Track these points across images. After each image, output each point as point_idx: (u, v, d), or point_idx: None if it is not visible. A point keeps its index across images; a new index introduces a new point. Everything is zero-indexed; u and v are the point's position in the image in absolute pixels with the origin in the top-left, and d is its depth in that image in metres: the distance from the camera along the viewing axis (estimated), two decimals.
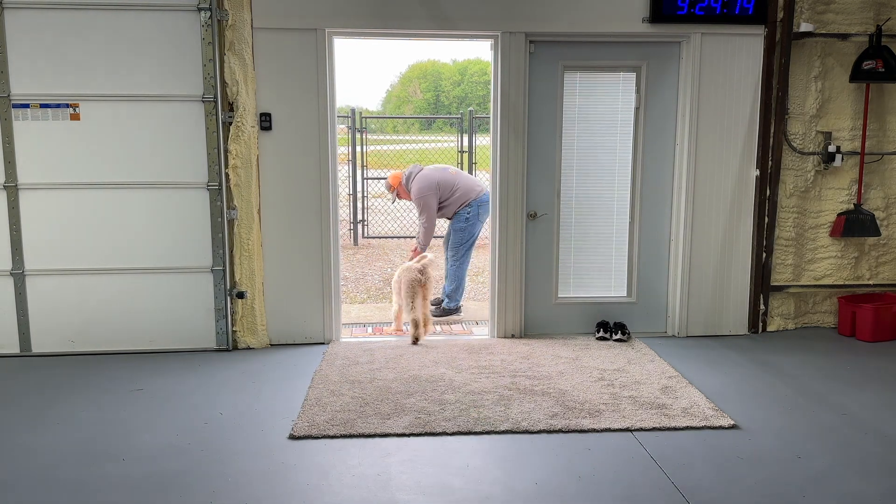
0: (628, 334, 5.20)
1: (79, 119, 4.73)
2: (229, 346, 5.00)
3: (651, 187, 5.25)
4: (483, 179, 10.97)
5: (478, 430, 3.65)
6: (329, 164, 4.98)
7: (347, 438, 3.57)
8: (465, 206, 5.97)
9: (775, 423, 3.78)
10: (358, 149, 10.30)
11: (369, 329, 5.76)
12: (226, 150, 4.82)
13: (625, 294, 5.38)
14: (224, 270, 4.92)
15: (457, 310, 6.08)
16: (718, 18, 4.96)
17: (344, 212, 10.29)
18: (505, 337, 5.26)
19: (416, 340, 5.10)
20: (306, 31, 4.80)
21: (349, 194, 10.36)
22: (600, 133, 5.19)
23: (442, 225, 6.68)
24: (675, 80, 5.14)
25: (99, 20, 4.65)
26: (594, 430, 3.65)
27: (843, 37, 5.13)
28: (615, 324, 5.26)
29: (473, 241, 6.11)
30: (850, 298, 5.38)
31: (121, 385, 4.32)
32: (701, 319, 5.33)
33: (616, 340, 5.13)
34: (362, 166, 10.41)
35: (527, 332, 5.32)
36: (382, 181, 12.15)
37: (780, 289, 5.38)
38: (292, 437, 3.57)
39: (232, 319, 5.00)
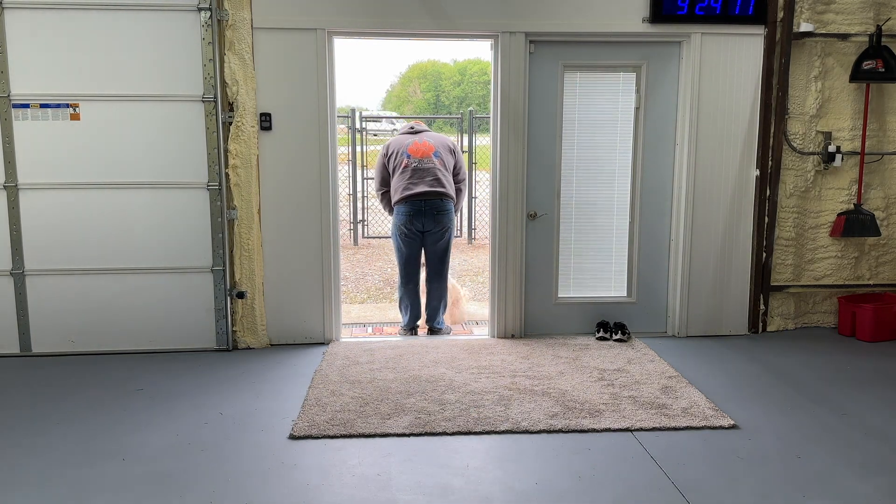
0: (628, 334, 5.20)
1: (79, 119, 4.73)
2: (229, 346, 5.00)
3: (651, 187, 5.24)
4: (484, 179, 10.86)
5: (478, 430, 3.65)
6: (329, 164, 4.98)
7: (347, 438, 3.57)
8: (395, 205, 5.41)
9: (775, 423, 3.78)
10: (358, 149, 10.31)
11: (369, 329, 5.76)
12: (226, 150, 4.83)
13: (625, 294, 5.38)
14: (224, 270, 4.92)
15: (411, 330, 5.55)
16: (718, 18, 4.96)
17: (344, 212, 10.29)
18: (505, 337, 5.26)
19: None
20: (306, 31, 4.80)
21: (349, 194, 10.36)
22: (600, 133, 5.19)
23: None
24: (675, 80, 5.14)
25: (99, 20, 4.65)
26: (594, 430, 3.65)
27: (843, 37, 5.13)
28: (615, 324, 5.26)
29: (400, 257, 5.46)
30: (850, 298, 5.38)
31: (121, 385, 4.32)
32: (701, 319, 5.33)
33: (616, 340, 5.13)
34: (362, 166, 10.41)
35: (527, 332, 5.32)
36: None
37: (780, 289, 5.38)
38: (292, 437, 3.57)
39: (232, 319, 5.00)
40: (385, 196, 5.54)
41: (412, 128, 5.51)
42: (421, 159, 5.31)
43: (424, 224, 5.31)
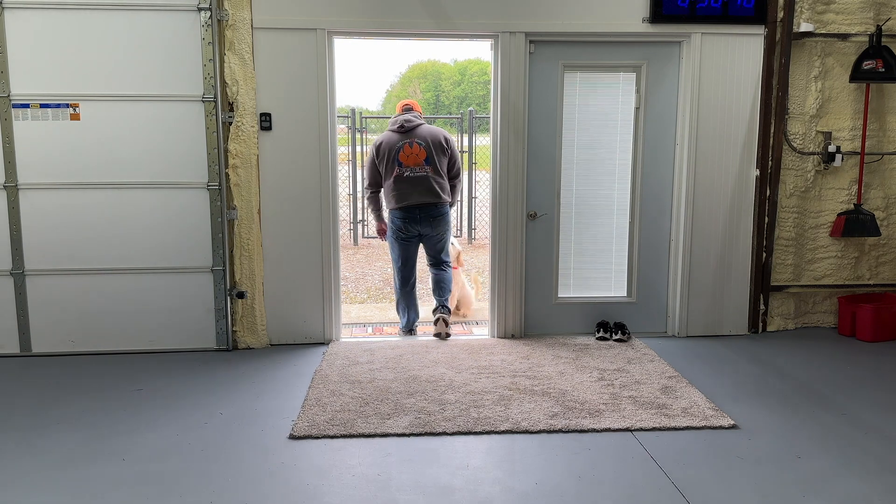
0: (628, 334, 5.20)
1: (79, 119, 4.73)
2: (229, 346, 5.00)
3: (651, 187, 5.24)
4: (484, 179, 10.84)
5: (478, 430, 3.65)
6: (329, 164, 4.98)
7: (347, 438, 3.57)
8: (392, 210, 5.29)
9: (775, 423, 3.78)
10: (358, 149, 10.31)
11: (369, 329, 5.76)
12: (226, 150, 4.83)
13: (625, 294, 5.38)
14: (224, 270, 4.92)
15: (409, 331, 5.47)
16: (718, 18, 4.96)
17: (344, 212, 10.29)
18: (505, 337, 5.26)
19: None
20: (306, 31, 4.80)
21: (349, 194, 10.36)
22: (600, 133, 5.19)
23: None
24: (675, 80, 5.14)
25: (99, 20, 4.65)
26: (594, 430, 3.65)
27: (843, 37, 5.13)
28: (615, 324, 5.26)
29: (397, 259, 5.35)
30: (850, 298, 5.38)
31: (121, 385, 4.32)
32: (701, 319, 5.33)
33: (616, 340, 5.13)
34: (362, 166, 10.41)
35: (527, 332, 5.32)
36: None
37: (780, 289, 5.38)
38: (292, 437, 3.57)
39: (232, 319, 5.00)
40: (374, 196, 5.40)
41: (402, 126, 5.16)
42: (413, 168, 5.12)
43: (421, 230, 5.24)
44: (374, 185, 5.36)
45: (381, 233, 5.52)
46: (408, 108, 5.33)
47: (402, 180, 5.14)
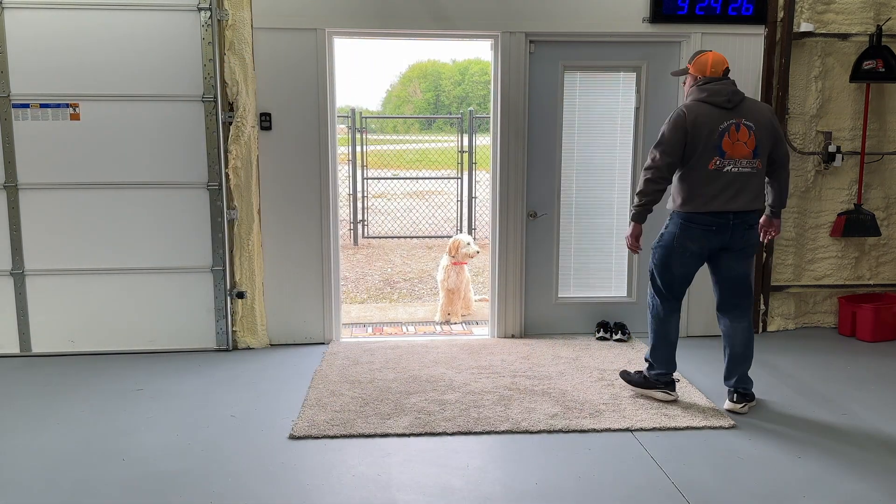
0: (628, 334, 5.20)
1: (79, 119, 4.73)
2: (229, 346, 5.00)
3: None
4: (484, 179, 10.81)
5: (478, 430, 3.65)
6: (329, 164, 4.98)
7: (347, 438, 3.57)
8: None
9: (775, 423, 3.78)
10: (358, 149, 10.31)
11: (369, 329, 5.75)
12: (226, 150, 4.82)
13: (625, 294, 5.38)
14: (224, 270, 4.92)
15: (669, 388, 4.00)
16: (718, 18, 4.96)
17: (344, 212, 10.29)
18: (505, 337, 5.26)
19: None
20: (306, 31, 4.80)
21: (349, 194, 10.36)
22: (600, 133, 5.18)
23: None
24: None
25: (99, 20, 4.65)
26: (594, 430, 3.65)
27: (843, 37, 5.13)
28: (615, 324, 5.26)
29: (669, 286, 4.05)
30: (850, 298, 5.37)
31: (121, 385, 4.32)
32: (701, 319, 5.33)
33: (616, 340, 5.13)
34: (362, 166, 10.41)
35: (527, 332, 5.31)
36: (382, 181, 12.18)
37: (780, 289, 5.38)
38: (292, 437, 3.57)
39: (232, 319, 5.00)
40: (660, 191, 3.82)
41: (730, 99, 3.71)
42: (739, 160, 3.71)
43: (731, 243, 3.88)
44: (667, 176, 3.80)
45: (637, 239, 4.01)
46: (728, 71, 3.80)
47: (720, 175, 3.74)
